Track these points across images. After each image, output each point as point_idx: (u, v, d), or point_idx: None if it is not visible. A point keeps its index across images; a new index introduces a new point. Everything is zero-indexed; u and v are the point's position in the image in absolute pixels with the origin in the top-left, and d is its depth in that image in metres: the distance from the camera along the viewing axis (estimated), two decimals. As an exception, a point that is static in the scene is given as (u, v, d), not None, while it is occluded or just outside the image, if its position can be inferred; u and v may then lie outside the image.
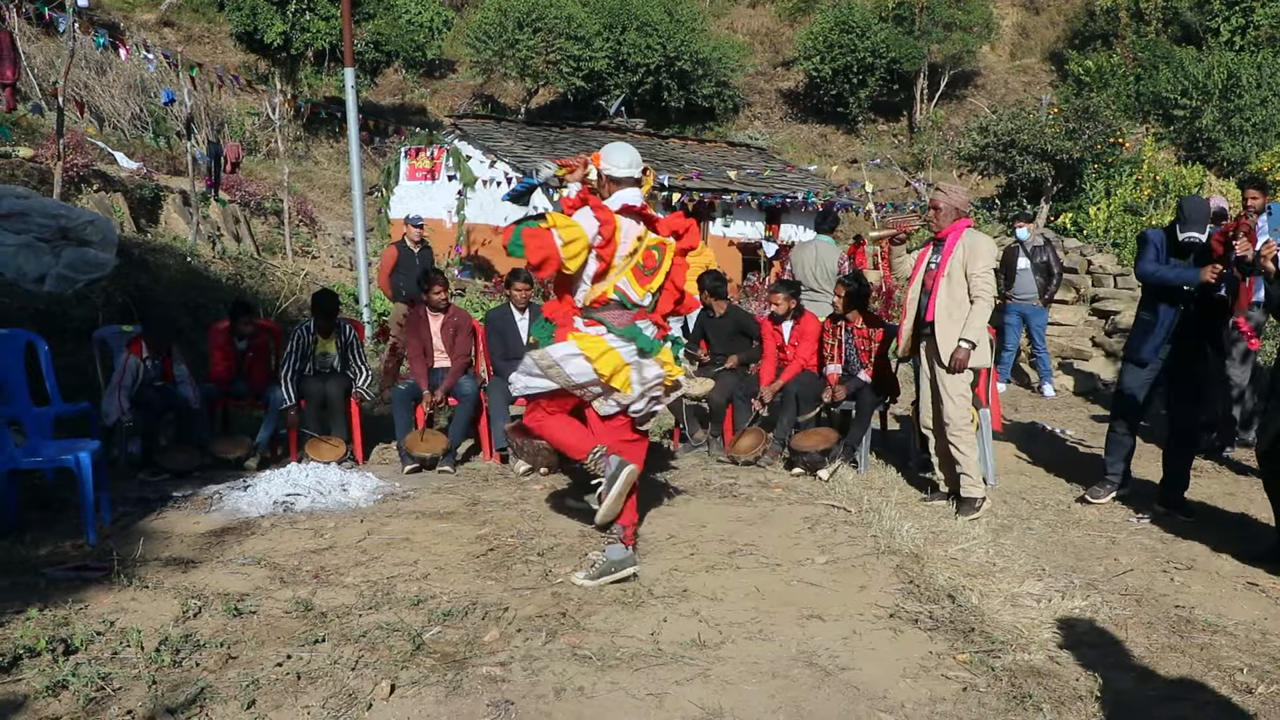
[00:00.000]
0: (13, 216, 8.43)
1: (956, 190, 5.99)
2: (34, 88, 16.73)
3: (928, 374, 5.90)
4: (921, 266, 5.88)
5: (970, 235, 5.71)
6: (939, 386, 5.78)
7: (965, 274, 5.61)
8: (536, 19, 25.69)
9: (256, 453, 7.03)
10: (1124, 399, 6.03)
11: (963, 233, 5.70)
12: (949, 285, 5.65)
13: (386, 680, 3.31)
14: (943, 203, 5.78)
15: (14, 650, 3.45)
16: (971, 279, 5.60)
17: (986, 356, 5.99)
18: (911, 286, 5.93)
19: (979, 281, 5.59)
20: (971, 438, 5.82)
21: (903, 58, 28.66)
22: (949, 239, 5.71)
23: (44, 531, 5.11)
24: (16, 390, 6.27)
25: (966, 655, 3.66)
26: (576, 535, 5.19)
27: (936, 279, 5.69)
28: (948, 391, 5.73)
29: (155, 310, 8.52)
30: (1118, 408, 6.16)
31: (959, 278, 5.63)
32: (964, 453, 5.78)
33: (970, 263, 5.59)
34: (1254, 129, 22.01)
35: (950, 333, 5.63)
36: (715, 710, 3.20)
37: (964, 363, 5.61)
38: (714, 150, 23.49)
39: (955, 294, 5.64)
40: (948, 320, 5.64)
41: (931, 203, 5.89)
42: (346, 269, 15.58)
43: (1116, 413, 6.17)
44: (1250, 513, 5.89)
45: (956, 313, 5.62)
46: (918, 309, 5.84)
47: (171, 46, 22.46)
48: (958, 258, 5.64)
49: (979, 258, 5.60)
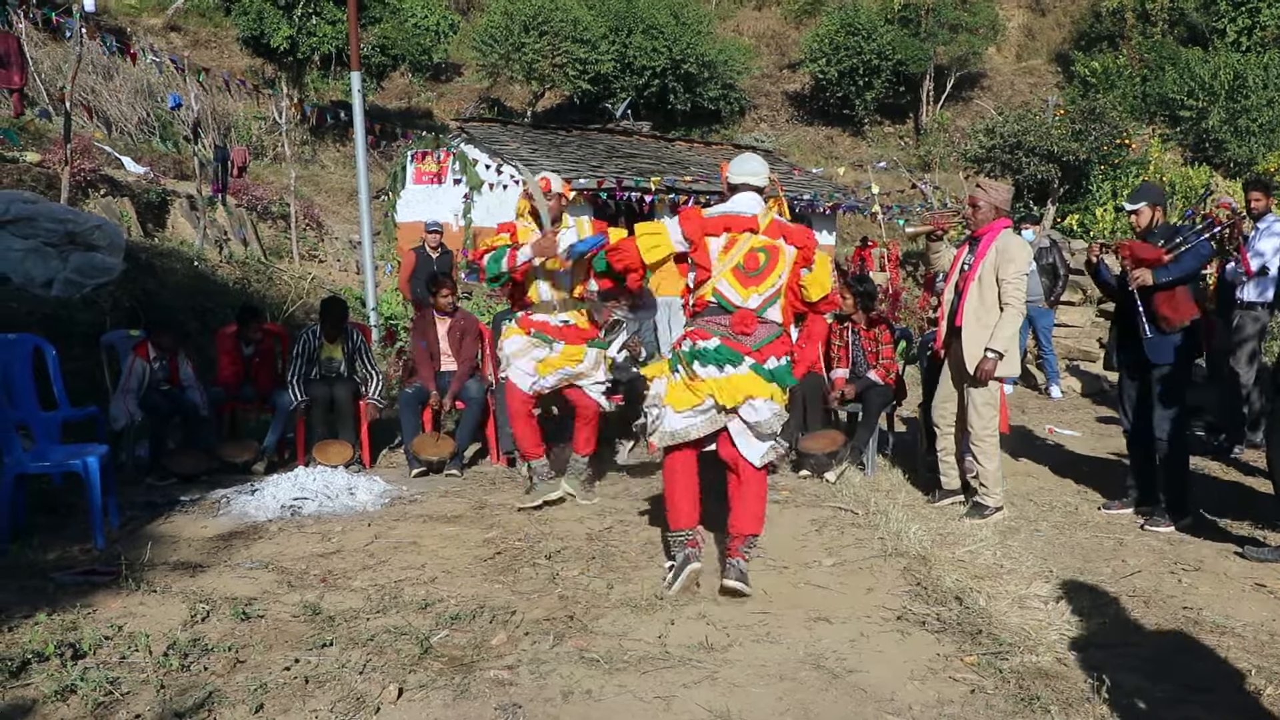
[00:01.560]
0: (20, 221, 8.45)
1: (998, 188, 5.76)
2: (41, 93, 16.77)
3: (950, 375, 5.82)
4: (956, 266, 5.74)
5: (1004, 238, 5.51)
6: (965, 394, 5.67)
7: (996, 279, 5.45)
8: (542, 22, 25.70)
9: (264, 457, 7.04)
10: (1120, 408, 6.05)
11: (998, 235, 5.52)
12: (979, 289, 5.50)
13: (394, 684, 3.32)
14: (982, 200, 5.60)
15: (23, 655, 3.46)
16: (1002, 285, 5.41)
17: (1015, 366, 5.77)
18: (948, 286, 5.81)
19: (1009, 288, 5.40)
20: (994, 449, 5.68)
21: (909, 60, 28.62)
22: (984, 240, 5.55)
23: (52, 536, 5.12)
24: (24, 395, 6.28)
25: (974, 657, 3.66)
26: (584, 538, 5.20)
27: (968, 281, 5.55)
28: (974, 401, 5.60)
29: (162, 314, 8.54)
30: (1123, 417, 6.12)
31: (990, 282, 5.46)
32: (984, 464, 5.69)
33: (1001, 267, 5.41)
34: (1260, 130, 21.94)
35: (977, 339, 5.48)
36: (723, 713, 3.20)
37: (991, 373, 5.46)
38: (720, 153, 23.47)
39: (985, 299, 5.48)
40: (975, 326, 5.49)
41: (970, 200, 5.71)
42: (353, 273, 15.61)
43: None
44: (1258, 513, 5.87)
45: (986, 318, 5.46)
46: (950, 310, 5.73)
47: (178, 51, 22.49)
48: (989, 261, 5.47)
49: (1011, 262, 5.41)
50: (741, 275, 4.38)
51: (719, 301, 4.41)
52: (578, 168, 18.36)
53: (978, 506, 5.76)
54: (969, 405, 5.66)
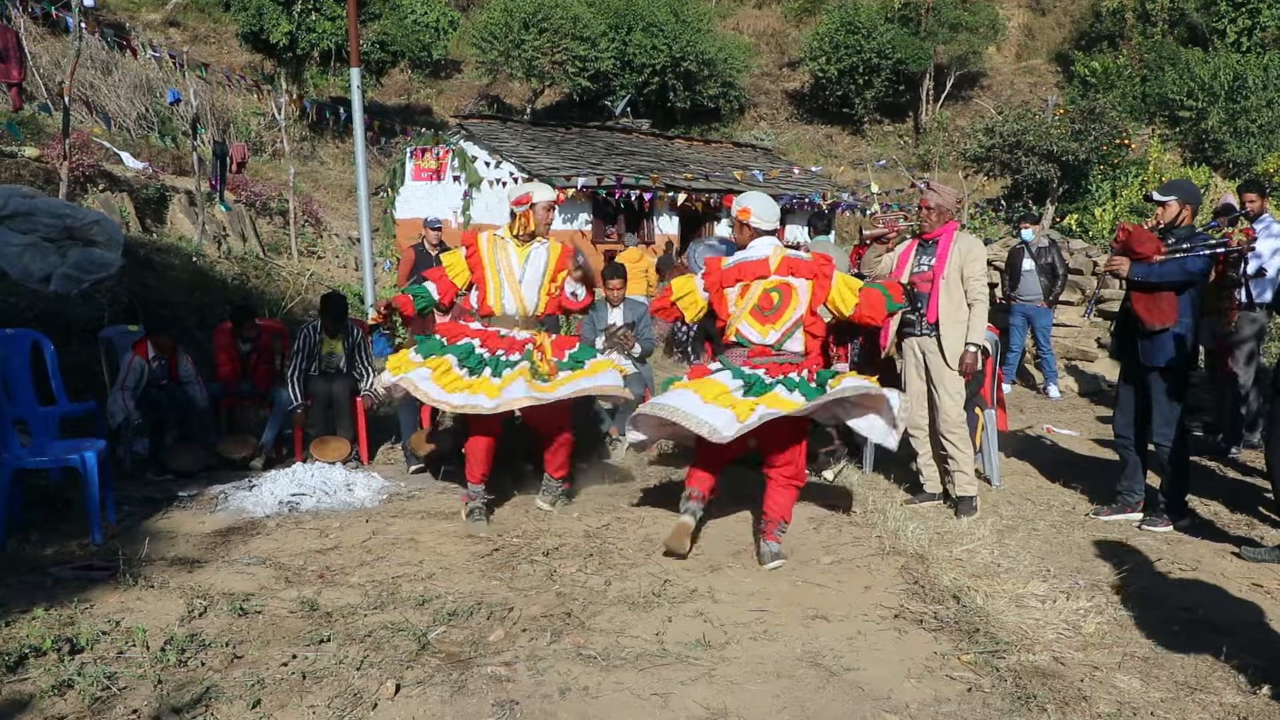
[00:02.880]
0: (19, 216, 8.43)
1: (948, 191, 6.00)
2: (40, 87, 16.76)
3: (918, 374, 5.85)
4: (906, 267, 5.83)
5: (964, 239, 5.72)
6: (935, 385, 5.76)
7: (962, 277, 5.62)
8: (542, 19, 25.72)
9: (262, 453, 7.04)
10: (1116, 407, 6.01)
11: (954, 235, 5.70)
12: (948, 288, 5.64)
13: (391, 680, 3.32)
14: (934, 202, 5.75)
15: (20, 649, 3.46)
16: (969, 282, 5.61)
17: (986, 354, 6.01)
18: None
19: (977, 285, 5.61)
20: (967, 435, 5.81)
21: (909, 59, 28.65)
22: (941, 241, 5.70)
23: (50, 531, 5.12)
24: (22, 390, 6.29)
25: (971, 656, 3.66)
26: (581, 535, 5.20)
27: (935, 282, 5.66)
28: (946, 389, 5.71)
29: (161, 310, 8.53)
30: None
31: (956, 280, 5.64)
32: (960, 450, 5.75)
33: (967, 266, 5.61)
34: (1260, 130, 21.96)
35: (955, 335, 5.63)
36: (720, 710, 3.20)
37: (974, 366, 5.62)
38: (720, 151, 23.49)
39: (955, 297, 5.64)
40: (951, 323, 5.63)
41: (922, 203, 5.85)
42: (352, 269, 15.60)
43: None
44: (1255, 513, 5.88)
45: (958, 315, 5.63)
46: (912, 310, 5.78)
47: (177, 46, 22.50)
48: (954, 261, 5.63)
49: (975, 260, 5.62)
50: (759, 315, 4.83)
51: (739, 340, 4.89)
52: (577, 165, 18.38)
53: (964, 501, 5.78)
54: (940, 394, 5.73)
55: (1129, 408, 5.77)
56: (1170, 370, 5.49)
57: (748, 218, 4.91)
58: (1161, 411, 5.54)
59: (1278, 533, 5.49)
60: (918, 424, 5.96)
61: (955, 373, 5.67)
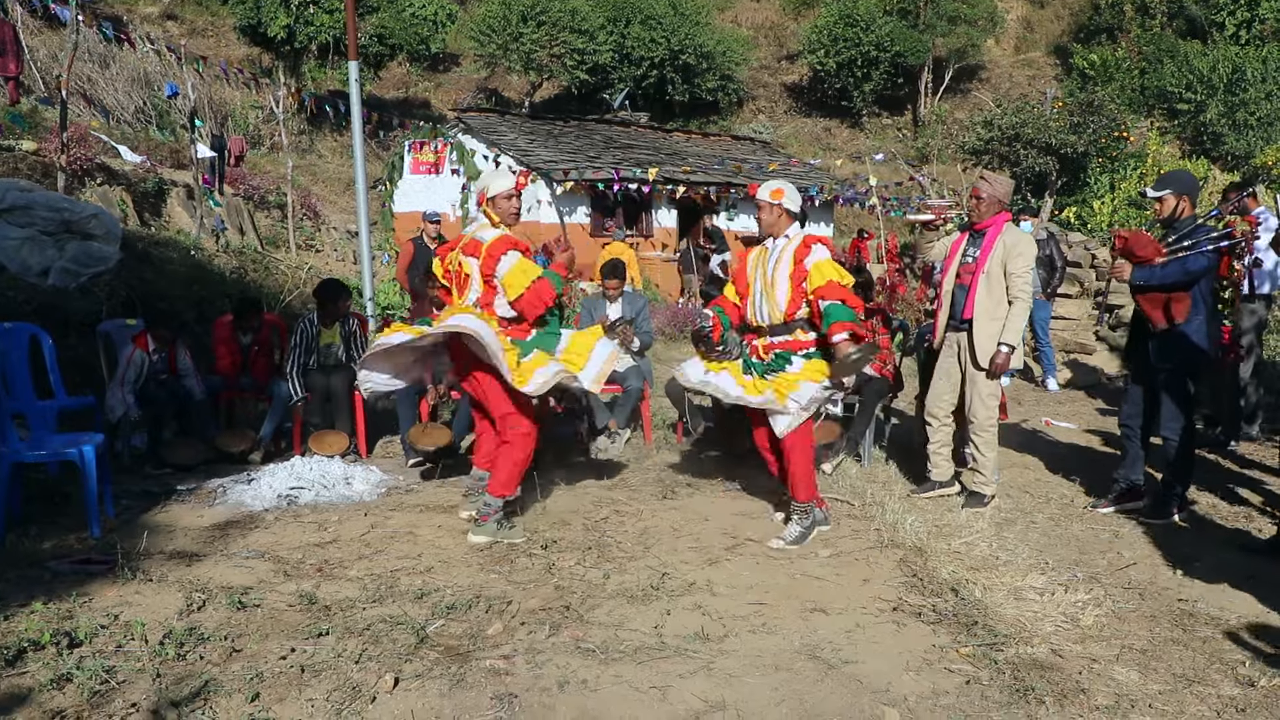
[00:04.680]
0: (16, 210, 8.41)
1: (1000, 181, 5.75)
2: (37, 81, 16.72)
3: (950, 367, 5.80)
4: (955, 257, 5.75)
5: (1011, 232, 5.56)
6: (969, 385, 5.69)
7: (1005, 272, 5.48)
8: (540, 12, 25.65)
9: (260, 446, 7.04)
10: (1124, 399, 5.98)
11: (1002, 228, 5.56)
12: (988, 283, 5.53)
13: (390, 673, 3.32)
14: (985, 193, 5.61)
15: (19, 643, 3.46)
16: (1011, 279, 5.47)
17: (1019, 358, 5.79)
18: (945, 277, 5.81)
19: (1019, 281, 5.46)
20: (994, 439, 5.75)
21: (907, 51, 28.59)
22: (988, 233, 5.58)
23: (48, 525, 5.12)
24: (20, 384, 6.28)
25: (969, 648, 3.67)
26: (580, 529, 5.20)
27: (975, 274, 5.56)
28: (979, 392, 5.64)
29: (159, 304, 8.52)
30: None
31: (998, 275, 5.50)
32: (984, 453, 5.73)
33: (1011, 261, 5.46)
34: (1259, 123, 21.95)
35: (988, 332, 5.52)
36: (718, 703, 3.20)
37: (1005, 367, 5.53)
38: (718, 144, 23.44)
39: (994, 292, 5.52)
40: (986, 320, 5.53)
41: (974, 192, 5.72)
42: (350, 263, 15.58)
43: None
44: (1253, 506, 5.88)
45: (996, 312, 5.51)
46: (952, 302, 5.74)
47: (175, 40, 22.42)
48: (997, 255, 5.50)
49: (1020, 256, 5.46)
50: (768, 292, 5.13)
51: (745, 321, 5.27)
52: (575, 158, 18.34)
53: (975, 496, 5.77)
54: (974, 396, 5.67)
55: (1137, 400, 5.73)
56: (1181, 369, 5.44)
57: (780, 198, 5.11)
58: (1170, 407, 5.51)
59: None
60: (934, 412, 5.95)
61: (986, 377, 5.59)
